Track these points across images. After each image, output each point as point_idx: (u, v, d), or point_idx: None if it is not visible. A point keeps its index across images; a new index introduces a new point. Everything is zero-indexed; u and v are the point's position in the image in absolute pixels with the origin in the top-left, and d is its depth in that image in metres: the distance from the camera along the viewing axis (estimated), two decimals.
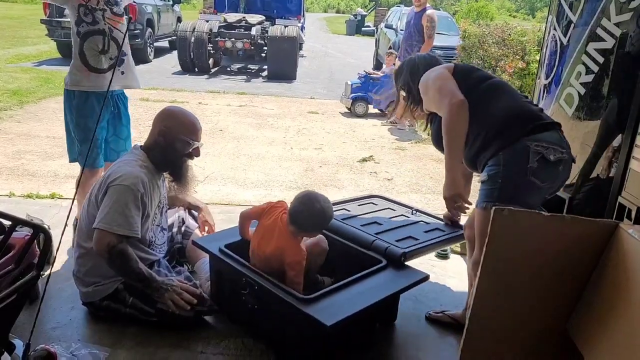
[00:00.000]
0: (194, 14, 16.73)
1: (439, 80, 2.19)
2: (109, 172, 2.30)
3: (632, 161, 1.90)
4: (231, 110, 7.35)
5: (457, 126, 2.08)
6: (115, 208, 2.17)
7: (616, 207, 1.98)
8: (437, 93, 2.18)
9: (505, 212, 1.55)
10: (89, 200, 2.32)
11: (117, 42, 2.86)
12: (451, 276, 2.99)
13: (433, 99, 2.21)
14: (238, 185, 4.41)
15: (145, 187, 2.26)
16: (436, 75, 2.22)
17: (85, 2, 2.75)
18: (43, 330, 2.24)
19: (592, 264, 1.57)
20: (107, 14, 2.81)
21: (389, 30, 11.92)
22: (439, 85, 2.17)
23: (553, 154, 1.92)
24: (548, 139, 1.96)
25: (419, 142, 6.28)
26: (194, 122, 2.41)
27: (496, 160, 1.99)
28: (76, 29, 2.78)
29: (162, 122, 2.36)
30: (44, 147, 5.03)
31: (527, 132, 1.96)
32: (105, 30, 2.81)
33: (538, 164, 1.90)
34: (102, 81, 2.84)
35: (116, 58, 2.85)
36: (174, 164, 2.41)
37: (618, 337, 1.40)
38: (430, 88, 2.22)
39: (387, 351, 2.33)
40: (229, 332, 2.31)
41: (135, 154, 2.39)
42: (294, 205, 2.21)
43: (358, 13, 27.57)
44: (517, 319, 1.68)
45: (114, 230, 2.15)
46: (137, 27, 10.62)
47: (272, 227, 2.24)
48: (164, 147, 2.35)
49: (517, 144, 1.95)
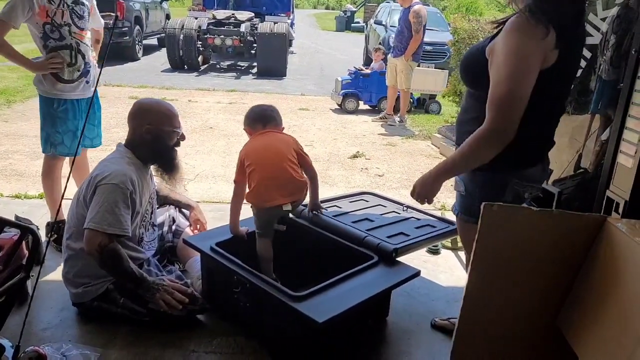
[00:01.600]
0: (183, 11, 16.60)
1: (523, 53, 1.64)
2: (96, 171, 2.29)
3: (620, 155, 1.91)
4: (221, 107, 7.31)
5: (486, 155, 1.72)
6: (105, 207, 2.15)
7: (604, 201, 1.99)
8: (507, 69, 1.64)
9: (494, 208, 1.55)
10: (77, 200, 2.30)
11: (84, 55, 2.92)
12: (443, 271, 3.01)
13: (499, 69, 1.68)
14: (229, 183, 4.36)
15: (135, 184, 2.25)
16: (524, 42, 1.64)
17: (50, 20, 2.76)
18: (33, 332, 2.22)
19: (581, 258, 1.58)
20: (73, 29, 2.84)
21: (378, 26, 11.93)
22: (518, 61, 1.64)
23: (529, 191, 1.89)
24: (530, 177, 1.87)
25: (409, 138, 6.30)
26: (170, 109, 2.42)
27: (474, 178, 1.91)
28: (43, 43, 2.81)
29: (143, 119, 2.35)
30: (32, 146, 4.97)
31: (517, 166, 1.84)
32: (72, 45, 2.85)
33: (512, 199, 1.85)
34: (70, 90, 2.91)
35: (83, 69, 2.92)
36: (164, 156, 2.42)
37: (607, 330, 1.41)
38: (507, 50, 1.66)
39: (380, 347, 2.34)
40: (221, 330, 2.31)
41: (120, 151, 2.37)
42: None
43: (347, 9, 27.52)
44: (508, 314, 1.69)
45: (104, 230, 2.13)
46: (125, 24, 10.55)
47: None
48: (151, 143, 2.34)
49: (498, 174, 1.85)
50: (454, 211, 2.10)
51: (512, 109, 1.64)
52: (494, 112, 1.67)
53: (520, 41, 1.64)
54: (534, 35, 1.62)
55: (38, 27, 2.76)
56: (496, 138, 1.67)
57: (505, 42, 1.66)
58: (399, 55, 6.67)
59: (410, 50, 6.52)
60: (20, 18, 2.71)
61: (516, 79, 1.63)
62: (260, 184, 2.27)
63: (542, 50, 1.64)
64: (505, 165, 1.80)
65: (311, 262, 2.50)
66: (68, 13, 2.79)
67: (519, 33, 1.65)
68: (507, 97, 1.64)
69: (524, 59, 1.64)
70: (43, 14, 2.72)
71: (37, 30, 2.77)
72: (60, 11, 2.76)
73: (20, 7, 2.68)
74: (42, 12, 2.72)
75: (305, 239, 2.56)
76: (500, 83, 1.66)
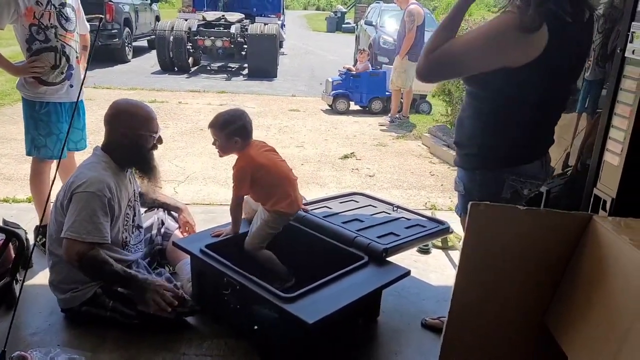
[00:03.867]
0: (173, 13, 16.56)
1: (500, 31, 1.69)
2: (72, 178, 2.26)
3: (606, 153, 1.92)
4: (212, 109, 7.28)
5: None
6: (83, 216, 2.13)
7: (592, 199, 2.00)
8: (470, 36, 1.78)
9: (481, 207, 1.56)
10: (55, 206, 2.27)
11: (68, 57, 2.91)
12: (433, 271, 3.01)
13: (467, 33, 1.82)
14: (219, 184, 4.38)
15: (112, 190, 2.23)
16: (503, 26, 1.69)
17: (37, 22, 2.74)
18: (21, 337, 2.20)
19: (568, 256, 1.59)
20: (60, 31, 2.82)
21: (368, 27, 11.93)
22: (484, 36, 1.72)
23: (528, 188, 1.91)
24: (528, 172, 1.89)
25: (400, 138, 6.31)
26: (149, 112, 2.39)
27: (472, 175, 1.94)
28: (27, 45, 2.79)
29: (120, 123, 2.32)
30: (21, 150, 4.89)
31: (510, 163, 1.88)
32: (57, 47, 2.83)
33: (511, 196, 1.89)
34: (53, 93, 2.89)
35: (66, 72, 2.91)
36: (141, 160, 2.40)
37: (594, 327, 1.42)
38: (484, 25, 1.78)
39: (370, 347, 2.34)
40: (211, 332, 2.30)
41: (97, 155, 2.34)
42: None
43: (338, 10, 27.54)
44: (496, 312, 1.70)
45: (82, 239, 2.12)
46: (114, 26, 10.49)
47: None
48: (129, 147, 2.33)
49: (496, 172, 1.89)
50: (456, 211, 2.11)
51: (445, 64, 1.75)
52: (430, 57, 1.75)
53: (498, 24, 1.70)
54: (511, 23, 1.65)
55: (24, 28, 2.74)
56: (418, 75, 1.81)
57: (487, 21, 1.74)
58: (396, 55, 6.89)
59: (404, 49, 6.59)
60: (5, 19, 2.69)
61: (471, 47, 1.72)
62: (289, 192, 2.41)
63: (521, 42, 1.66)
64: (499, 162, 1.85)
65: (301, 263, 2.49)
66: (55, 15, 2.77)
67: (501, 19, 1.71)
68: (449, 53, 1.73)
69: (490, 38, 1.70)
70: (30, 15, 2.70)
71: (23, 31, 2.75)
72: (48, 13, 2.74)
73: (6, 9, 2.66)
74: (28, 14, 2.70)
75: (295, 241, 2.56)
76: (456, 42, 1.75)
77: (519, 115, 1.74)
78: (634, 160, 1.76)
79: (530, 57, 1.68)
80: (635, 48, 1.73)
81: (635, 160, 1.76)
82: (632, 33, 1.74)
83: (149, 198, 2.75)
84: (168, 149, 5.20)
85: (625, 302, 1.32)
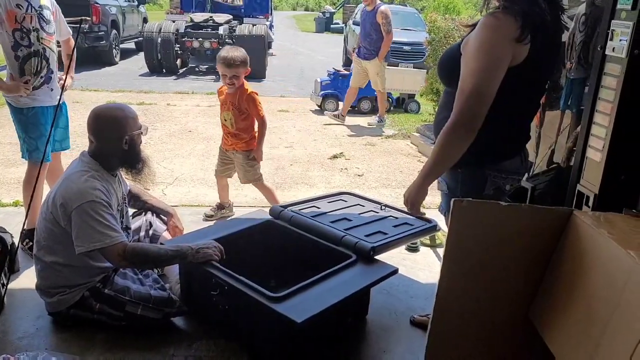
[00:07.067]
0: (161, 15, 16.47)
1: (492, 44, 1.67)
2: (61, 189, 2.20)
3: (589, 149, 1.95)
4: (200, 110, 7.27)
5: (456, 149, 1.73)
6: (97, 224, 2.13)
7: (575, 195, 2.03)
8: (475, 64, 1.68)
9: (464, 204, 1.58)
10: (46, 214, 2.25)
11: (48, 61, 2.91)
12: (421, 268, 3.03)
13: (468, 63, 1.72)
14: (208, 186, 4.37)
15: (105, 195, 2.23)
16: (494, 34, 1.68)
17: (19, 26, 2.73)
18: (9, 341, 2.19)
19: (551, 251, 1.61)
20: (42, 34, 2.82)
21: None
22: (486, 57, 1.67)
23: (510, 183, 1.93)
24: (510, 168, 1.92)
25: (389, 138, 6.34)
26: (130, 110, 2.40)
27: (455, 174, 1.95)
28: (14, 54, 2.78)
29: (113, 131, 2.30)
30: (6, 153, 4.90)
31: (492, 160, 1.90)
32: (39, 51, 2.84)
33: (494, 192, 1.91)
34: (34, 96, 2.89)
35: (45, 75, 2.91)
36: (135, 159, 2.41)
37: (575, 321, 1.44)
38: (477, 45, 1.69)
39: (360, 345, 2.35)
40: (200, 333, 2.30)
41: (84, 162, 2.30)
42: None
43: (327, 10, 27.56)
44: (481, 308, 1.72)
45: (114, 243, 2.13)
46: (101, 29, 10.42)
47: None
48: (127, 151, 2.33)
49: (478, 170, 1.90)
50: (440, 211, 2.12)
51: (477, 102, 1.68)
52: (459, 106, 1.70)
53: (490, 37, 1.69)
54: (504, 33, 1.67)
55: (8, 35, 2.72)
56: (462, 130, 1.70)
57: (476, 38, 1.71)
58: (369, 57, 6.59)
59: (384, 51, 6.53)
60: None
61: (483, 73, 1.67)
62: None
63: (511, 47, 1.68)
64: (481, 159, 1.85)
65: (290, 262, 2.50)
66: (36, 17, 2.76)
67: (490, 30, 1.69)
68: (473, 91, 1.67)
69: (492, 55, 1.68)
70: (11, 20, 2.68)
71: (8, 38, 2.74)
72: (29, 16, 2.73)
73: None
74: (10, 18, 2.68)
75: (283, 240, 2.57)
76: (468, 77, 1.70)
77: (499, 114, 1.76)
78: (616, 157, 1.79)
79: (515, 62, 1.71)
80: (615, 46, 1.76)
81: (616, 157, 1.79)
82: (612, 31, 1.76)
83: (139, 201, 2.75)
84: (156, 151, 5.18)
85: (604, 296, 1.34)
